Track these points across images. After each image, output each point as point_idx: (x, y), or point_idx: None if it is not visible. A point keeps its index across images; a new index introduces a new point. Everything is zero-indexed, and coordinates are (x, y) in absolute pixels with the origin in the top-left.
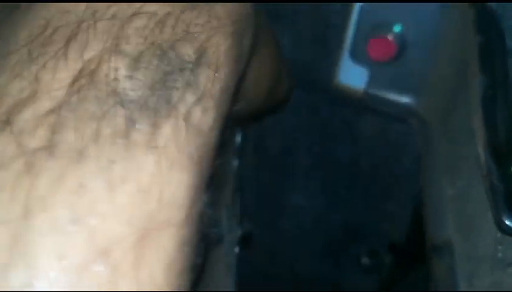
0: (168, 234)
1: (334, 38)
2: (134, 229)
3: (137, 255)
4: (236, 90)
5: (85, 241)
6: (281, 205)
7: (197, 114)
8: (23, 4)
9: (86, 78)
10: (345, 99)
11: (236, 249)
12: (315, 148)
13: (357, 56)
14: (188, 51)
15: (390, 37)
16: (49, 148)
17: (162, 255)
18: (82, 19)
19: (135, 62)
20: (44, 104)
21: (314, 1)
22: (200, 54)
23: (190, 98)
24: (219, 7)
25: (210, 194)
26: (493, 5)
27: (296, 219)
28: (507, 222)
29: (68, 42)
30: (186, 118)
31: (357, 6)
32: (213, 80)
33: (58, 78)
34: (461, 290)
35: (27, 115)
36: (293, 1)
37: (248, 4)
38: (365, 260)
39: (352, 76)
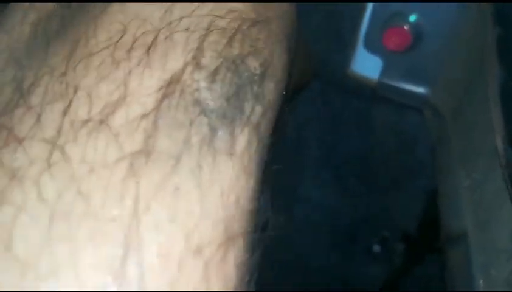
0: (242, 238)
1: (349, 29)
2: (220, 231)
3: (222, 255)
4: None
5: (183, 239)
6: (292, 195)
7: (264, 124)
8: (96, 4)
9: (171, 87)
10: (358, 89)
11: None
12: (327, 138)
13: (372, 45)
14: (255, 65)
15: (405, 27)
16: (147, 152)
17: (237, 257)
18: (158, 28)
19: (213, 75)
20: (136, 109)
21: (329, 1)
22: (265, 68)
23: (259, 109)
24: (274, 24)
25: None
26: None
27: (307, 210)
28: None
29: (148, 51)
30: (256, 128)
31: None
32: (274, 93)
33: (145, 86)
34: (477, 281)
35: (121, 118)
36: (309, 1)
37: (294, 18)
38: (376, 248)
39: (367, 65)
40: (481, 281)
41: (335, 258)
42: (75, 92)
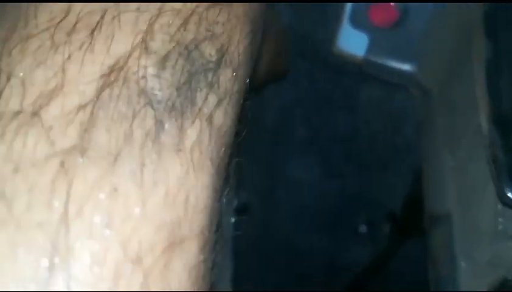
0: (194, 239)
1: (335, 6)
2: (164, 236)
3: (166, 262)
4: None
5: (119, 247)
6: (278, 176)
7: (218, 115)
8: None
9: (114, 74)
10: (344, 66)
11: (232, 220)
12: (313, 118)
13: (358, 21)
14: (210, 51)
15: (391, 2)
16: (81, 148)
17: (188, 260)
18: (105, 8)
19: (162, 61)
20: (73, 99)
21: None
22: (222, 54)
23: (212, 99)
24: (236, 5)
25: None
26: None
27: (293, 190)
28: (510, 194)
29: (92, 32)
30: (209, 120)
31: None
32: (232, 81)
33: (85, 72)
34: (459, 263)
35: (55, 110)
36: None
37: (263, 3)
38: (362, 229)
39: (353, 42)
40: (463, 264)
41: (321, 239)
42: (8, 79)
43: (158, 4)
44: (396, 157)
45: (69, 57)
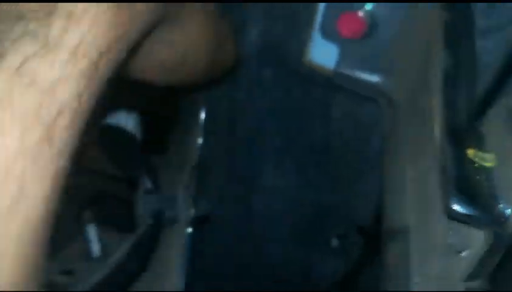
0: None
1: (306, 14)
2: None
3: None
4: (126, 57)
5: None
6: (251, 185)
7: (40, 68)
8: None
9: None
10: (316, 78)
11: (189, 230)
12: (286, 128)
13: (328, 32)
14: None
15: (359, 13)
16: None
17: None
18: None
19: None
20: None
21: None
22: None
23: (28, 49)
24: None
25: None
26: None
27: (266, 200)
28: (455, 206)
29: None
30: (19, 72)
31: None
32: (67, 34)
33: None
34: (413, 278)
35: None
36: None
37: None
38: (334, 242)
39: (323, 54)
40: (416, 279)
41: (293, 249)
42: None
43: None
44: (368, 168)
45: None
